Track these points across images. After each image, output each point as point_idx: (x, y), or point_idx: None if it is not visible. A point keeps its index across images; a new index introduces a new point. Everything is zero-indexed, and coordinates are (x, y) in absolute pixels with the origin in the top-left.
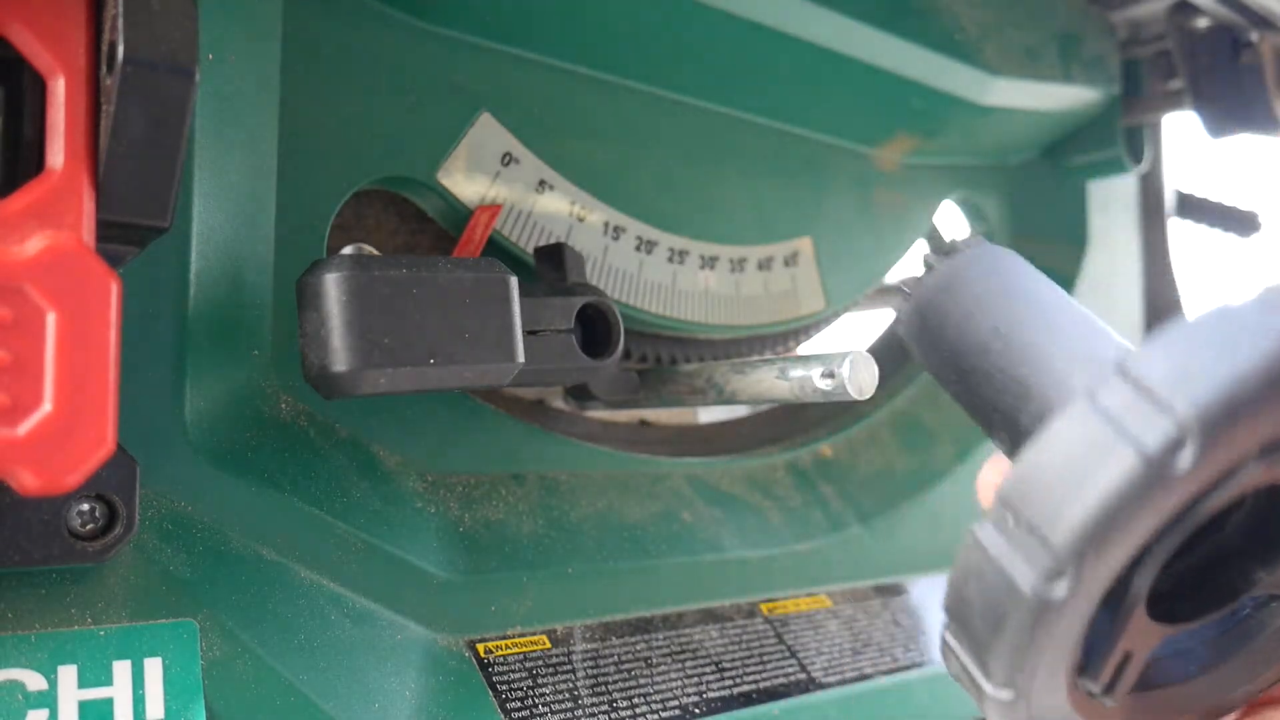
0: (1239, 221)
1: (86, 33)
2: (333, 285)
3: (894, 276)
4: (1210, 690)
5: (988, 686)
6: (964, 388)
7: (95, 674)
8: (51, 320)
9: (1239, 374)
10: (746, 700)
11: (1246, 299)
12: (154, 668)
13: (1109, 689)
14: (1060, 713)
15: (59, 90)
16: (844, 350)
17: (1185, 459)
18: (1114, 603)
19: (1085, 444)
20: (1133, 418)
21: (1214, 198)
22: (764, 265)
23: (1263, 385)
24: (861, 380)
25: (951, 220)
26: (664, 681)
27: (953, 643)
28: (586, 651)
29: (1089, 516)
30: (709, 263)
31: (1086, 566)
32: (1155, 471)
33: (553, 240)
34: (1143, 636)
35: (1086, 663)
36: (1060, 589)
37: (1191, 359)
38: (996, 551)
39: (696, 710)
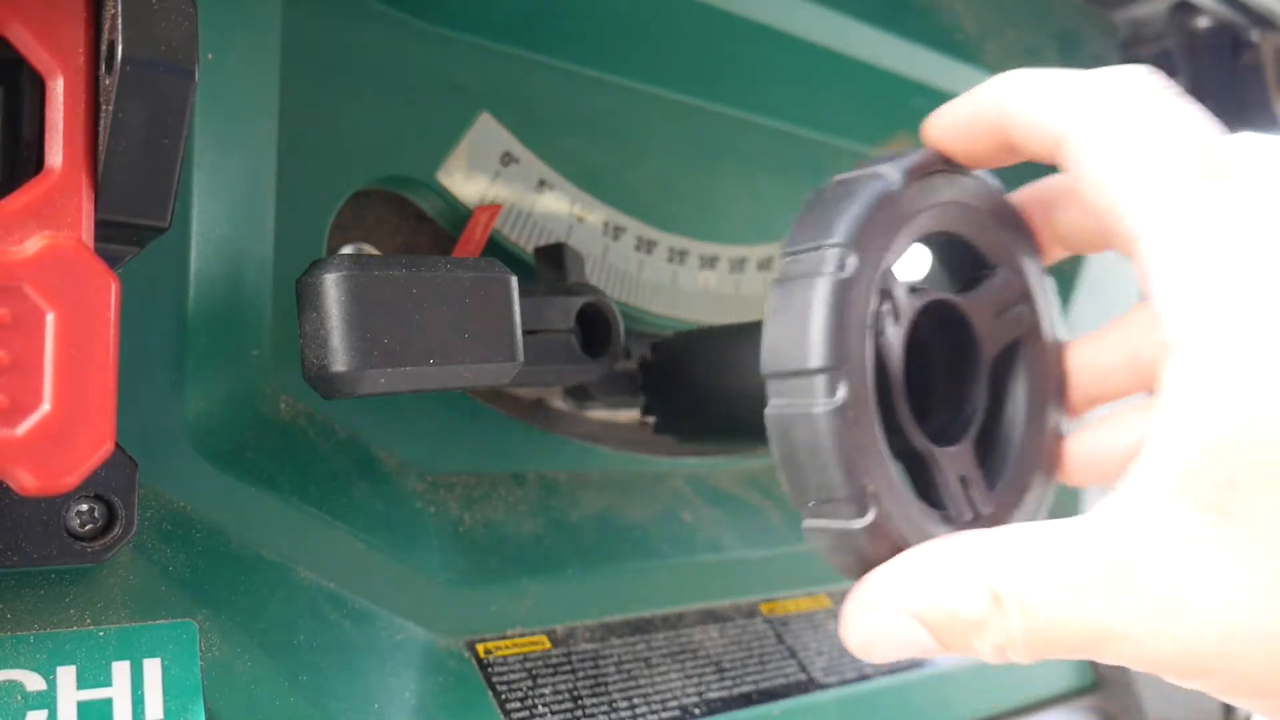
0: None
1: (85, 32)
2: (332, 285)
3: None
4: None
5: (855, 524)
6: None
7: (94, 674)
8: (50, 320)
9: (837, 214)
10: (746, 700)
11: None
12: (153, 668)
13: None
14: (912, 516)
15: (58, 90)
16: None
17: (851, 263)
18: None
19: (785, 301)
20: (810, 263)
21: None
22: (764, 265)
23: (856, 203)
24: None
25: None
26: (664, 682)
27: (815, 523)
28: (586, 652)
29: (820, 326)
30: (709, 263)
31: (849, 363)
32: (839, 279)
33: (553, 240)
34: (955, 461)
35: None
36: (841, 389)
37: (812, 214)
38: (790, 412)
39: (696, 711)
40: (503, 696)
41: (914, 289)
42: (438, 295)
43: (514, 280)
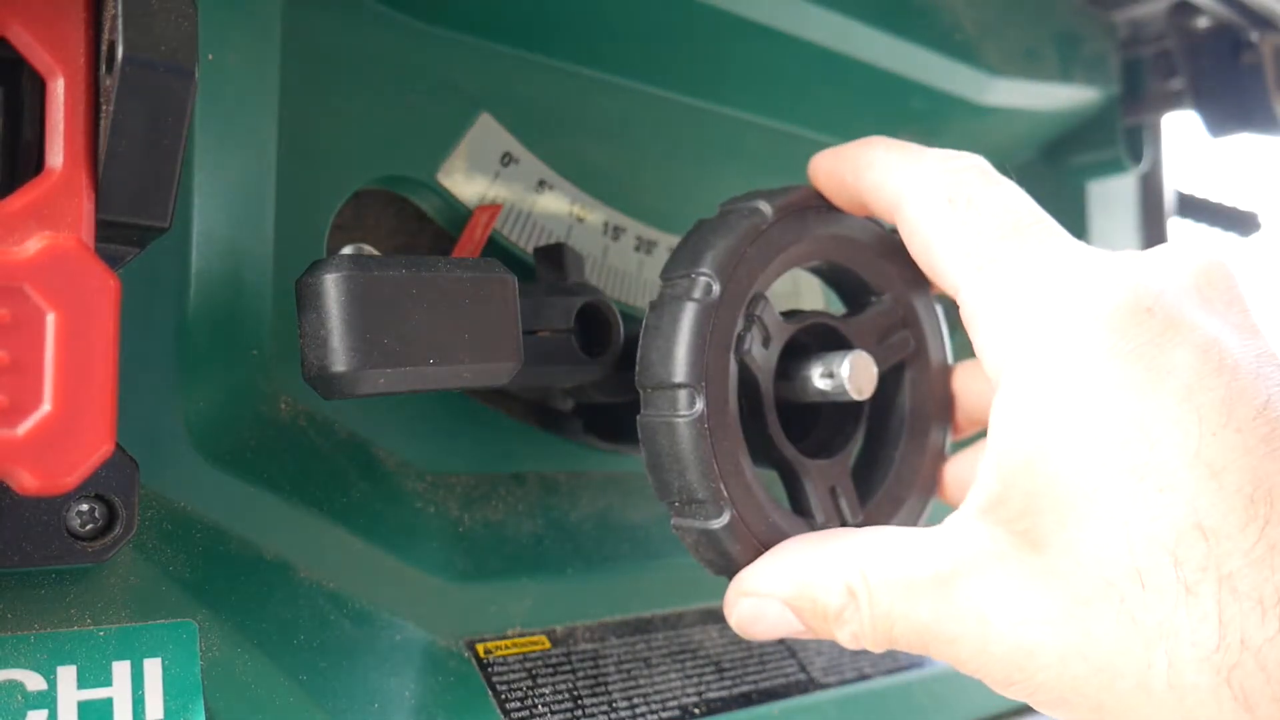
0: (1239, 221)
1: (86, 33)
2: (332, 285)
3: None
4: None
5: (713, 524)
6: None
7: (95, 674)
8: (51, 320)
9: (708, 245)
10: (746, 700)
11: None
12: (153, 668)
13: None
14: (771, 519)
15: (58, 90)
16: (843, 350)
17: (714, 290)
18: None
19: (656, 321)
20: (680, 288)
21: (1214, 198)
22: None
23: (711, 238)
24: (860, 380)
25: None
26: (664, 682)
27: (680, 521)
28: (586, 652)
29: (682, 345)
30: None
31: (708, 379)
32: (703, 304)
33: (553, 240)
34: (826, 473)
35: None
36: (699, 402)
37: (688, 244)
38: (658, 420)
39: (696, 710)
40: (503, 696)
41: (792, 313)
42: (438, 295)
43: (514, 280)
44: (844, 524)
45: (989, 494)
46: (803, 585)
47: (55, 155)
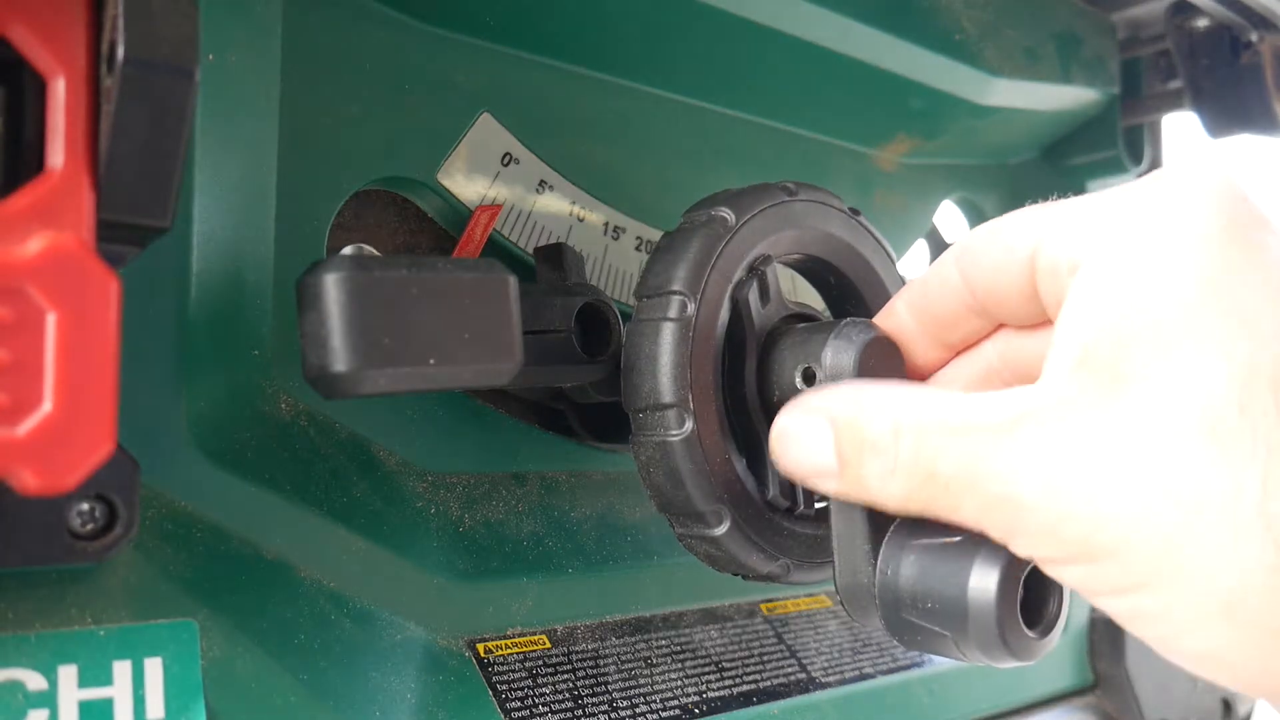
0: None
1: (87, 33)
2: (333, 285)
3: None
4: None
5: (715, 531)
6: None
7: (95, 674)
8: (52, 320)
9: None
10: (746, 700)
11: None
12: (154, 667)
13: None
14: (762, 516)
15: (59, 90)
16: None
17: (689, 307)
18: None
19: (637, 344)
20: (656, 309)
21: None
22: None
23: (677, 254)
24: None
25: (951, 220)
26: (664, 681)
27: (682, 529)
28: (586, 651)
29: (666, 364)
30: None
31: (692, 395)
32: (680, 321)
33: (553, 240)
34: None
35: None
36: (688, 422)
37: (658, 261)
38: (646, 439)
39: (696, 710)
40: (503, 695)
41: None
42: (438, 295)
43: (514, 280)
44: (795, 505)
45: (1077, 346)
46: (855, 412)
47: (56, 155)
